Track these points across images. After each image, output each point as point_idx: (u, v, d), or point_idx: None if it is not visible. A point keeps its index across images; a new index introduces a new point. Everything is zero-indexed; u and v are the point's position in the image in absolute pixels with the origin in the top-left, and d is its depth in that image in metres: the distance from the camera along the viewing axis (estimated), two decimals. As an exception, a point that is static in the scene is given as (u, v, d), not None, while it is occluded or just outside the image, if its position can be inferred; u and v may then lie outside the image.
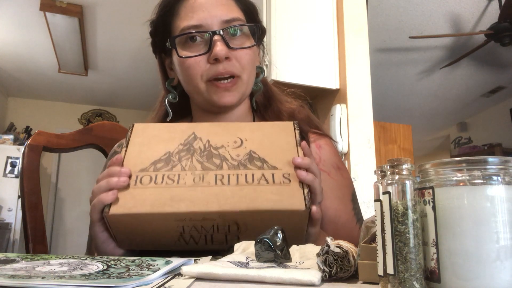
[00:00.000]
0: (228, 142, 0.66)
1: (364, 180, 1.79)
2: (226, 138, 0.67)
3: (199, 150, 0.65)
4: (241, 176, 0.61)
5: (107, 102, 5.77)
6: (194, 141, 0.67)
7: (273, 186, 0.60)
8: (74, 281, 0.41)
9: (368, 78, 1.94)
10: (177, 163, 0.64)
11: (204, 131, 0.68)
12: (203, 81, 0.75)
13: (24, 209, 0.93)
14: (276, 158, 0.64)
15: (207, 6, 0.73)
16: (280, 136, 0.67)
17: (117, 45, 4.06)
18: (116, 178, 0.59)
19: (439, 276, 0.38)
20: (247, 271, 0.45)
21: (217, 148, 0.66)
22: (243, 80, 0.76)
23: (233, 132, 0.68)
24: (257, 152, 0.65)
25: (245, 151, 0.65)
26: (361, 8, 2.03)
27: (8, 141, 4.59)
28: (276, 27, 1.87)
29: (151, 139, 0.68)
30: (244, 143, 0.66)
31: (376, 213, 0.42)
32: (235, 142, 0.66)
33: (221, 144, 0.66)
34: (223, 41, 0.72)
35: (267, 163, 0.63)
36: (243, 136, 0.67)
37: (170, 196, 0.59)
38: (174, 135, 0.68)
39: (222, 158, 0.64)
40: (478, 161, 0.39)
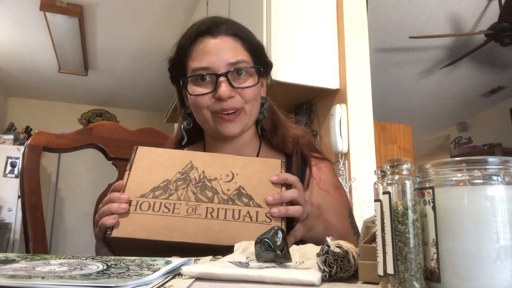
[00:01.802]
0: (221, 175, 0.74)
1: (364, 180, 1.79)
2: (219, 171, 0.75)
3: (194, 181, 0.73)
4: (229, 211, 0.69)
5: (107, 102, 5.77)
6: (191, 170, 0.74)
7: (256, 224, 0.68)
8: (74, 281, 0.41)
9: (368, 78, 1.94)
10: (174, 192, 0.71)
11: (201, 161, 0.76)
12: (209, 112, 0.85)
13: (24, 209, 0.93)
14: (262, 196, 0.72)
15: (215, 50, 0.83)
16: (267, 174, 0.75)
17: (117, 45, 4.05)
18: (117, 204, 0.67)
19: (439, 276, 0.38)
20: (247, 271, 0.45)
21: (210, 180, 0.73)
22: (246, 112, 0.85)
23: (226, 165, 0.76)
24: (246, 188, 0.73)
25: (235, 185, 0.73)
26: (361, 8, 2.02)
27: (8, 141, 4.59)
28: (276, 27, 1.87)
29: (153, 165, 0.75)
30: (235, 177, 0.74)
31: (376, 213, 0.42)
32: (227, 176, 0.74)
33: (215, 176, 0.74)
34: (227, 82, 0.82)
35: (253, 200, 0.71)
36: (235, 171, 0.75)
37: (165, 225, 0.66)
38: (174, 163, 0.75)
39: (214, 191, 0.72)
40: (478, 161, 0.39)
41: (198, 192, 0.71)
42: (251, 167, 0.76)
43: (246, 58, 0.86)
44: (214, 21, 0.87)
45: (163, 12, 3.49)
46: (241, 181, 0.73)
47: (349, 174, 1.79)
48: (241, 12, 2.25)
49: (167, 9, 3.44)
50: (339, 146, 1.81)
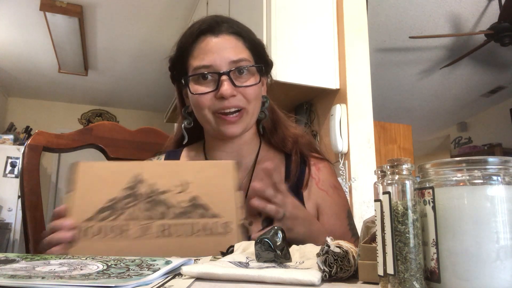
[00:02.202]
0: (172, 186, 0.68)
1: (364, 180, 1.79)
2: (170, 181, 0.68)
3: (144, 196, 0.67)
4: (183, 226, 0.65)
5: (107, 102, 5.77)
6: (139, 184, 0.68)
7: (214, 237, 0.65)
8: (74, 281, 0.41)
9: (368, 78, 1.94)
10: (122, 211, 0.65)
11: (149, 173, 0.69)
12: (210, 112, 0.84)
13: (24, 209, 0.93)
14: (218, 204, 0.68)
15: (216, 48, 0.83)
16: (220, 179, 0.71)
17: (117, 45, 4.05)
18: (62, 233, 0.63)
19: (439, 276, 0.38)
20: (247, 271, 0.45)
21: (161, 193, 0.67)
22: (248, 112, 0.85)
23: (178, 174, 0.70)
24: (200, 197, 0.68)
25: (188, 196, 0.68)
26: (361, 8, 2.02)
27: (8, 141, 4.59)
28: (276, 27, 1.87)
29: (97, 182, 0.68)
30: (188, 187, 0.68)
31: (376, 213, 0.42)
32: (179, 186, 0.68)
33: (166, 187, 0.68)
34: (229, 80, 0.81)
35: (209, 210, 0.67)
36: (187, 179, 0.69)
37: (116, 250, 0.62)
38: (120, 177, 0.68)
39: (166, 205, 0.66)
40: (478, 161, 0.39)
41: (149, 208, 0.66)
42: (203, 173, 0.71)
43: (247, 56, 0.86)
44: (216, 20, 0.87)
45: (163, 12, 3.49)
46: (195, 190, 0.69)
47: (349, 174, 1.79)
48: (241, 12, 2.25)
49: (167, 9, 3.44)
50: (339, 146, 1.81)
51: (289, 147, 0.93)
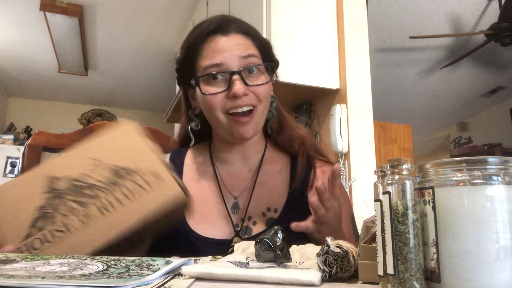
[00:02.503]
0: (85, 168, 0.67)
1: (364, 180, 1.79)
2: (80, 165, 0.67)
3: (66, 190, 0.65)
4: (118, 195, 0.64)
5: (107, 102, 5.77)
6: (54, 183, 0.66)
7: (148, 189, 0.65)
8: (74, 281, 0.41)
9: (368, 78, 1.94)
10: (55, 213, 0.64)
11: (55, 168, 0.68)
12: (223, 113, 0.82)
13: (24, 209, 0.93)
14: (135, 161, 0.67)
15: (226, 47, 0.82)
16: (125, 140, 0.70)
17: (117, 45, 4.05)
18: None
19: (439, 276, 0.38)
20: (247, 271, 0.45)
21: (79, 179, 0.66)
22: (259, 110, 0.84)
23: (82, 155, 0.69)
24: (116, 163, 0.67)
25: (106, 168, 0.67)
26: (361, 8, 2.02)
27: (8, 141, 4.59)
28: (276, 27, 1.87)
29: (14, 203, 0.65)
30: (100, 161, 0.68)
31: (376, 213, 0.42)
32: (92, 164, 0.67)
33: (81, 172, 0.67)
34: (241, 79, 0.80)
35: (130, 169, 0.67)
36: (94, 155, 0.68)
37: (68, 246, 0.61)
38: (31, 187, 0.66)
39: (91, 186, 0.65)
40: (478, 161, 0.39)
41: (78, 197, 0.65)
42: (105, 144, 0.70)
43: (256, 53, 0.86)
44: (224, 19, 0.86)
45: (163, 12, 3.49)
46: (108, 160, 0.68)
47: (349, 174, 1.79)
48: (241, 12, 2.25)
49: (167, 9, 3.44)
50: (339, 146, 1.81)
51: (296, 148, 0.92)
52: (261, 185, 0.88)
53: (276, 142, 0.96)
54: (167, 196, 0.65)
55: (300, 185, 0.88)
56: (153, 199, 0.64)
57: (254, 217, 0.84)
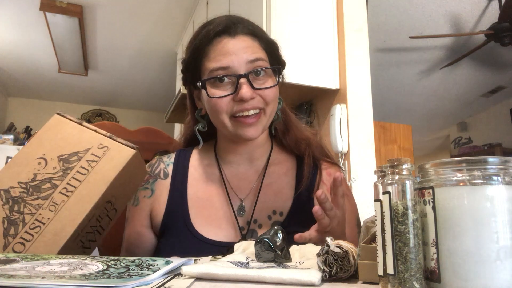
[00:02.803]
0: (34, 169, 0.69)
1: (364, 180, 1.79)
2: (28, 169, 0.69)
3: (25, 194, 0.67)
4: (76, 175, 0.67)
5: (107, 102, 5.77)
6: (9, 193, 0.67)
7: (103, 159, 0.69)
8: (74, 281, 0.41)
9: (368, 78, 1.94)
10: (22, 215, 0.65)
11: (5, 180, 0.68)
12: (228, 116, 0.82)
13: (24, 209, 0.93)
14: (78, 143, 0.71)
15: (234, 50, 0.81)
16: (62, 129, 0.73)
17: (117, 45, 4.05)
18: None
19: (439, 276, 0.38)
20: (247, 271, 0.45)
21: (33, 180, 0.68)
22: (266, 113, 0.83)
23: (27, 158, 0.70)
24: (64, 153, 0.70)
25: (55, 160, 0.69)
26: (361, 8, 2.02)
27: (8, 141, 4.59)
28: (276, 27, 1.87)
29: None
30: (46, 156, 0.70)
31: (376, 213, 0.42)
32: (39, 164, 0.69)
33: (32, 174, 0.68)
34: (248, 83, 0.79)
35: (78, 152, 0.70)
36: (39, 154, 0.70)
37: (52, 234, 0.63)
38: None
39: (48, 180, 0.68)
40: (478, 161, 0.39)
41: (39, 194, 0.66)
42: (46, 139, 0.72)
43: (263, 56, 0.84)
44: (231, 20, 0.85)
45: (163, 12, 3.49)
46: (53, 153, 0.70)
47: (349, 174, 1.79)
48: (241, 12, 2.24)
49: (167, 9, 3.44)
50: (339, 146, 1.81)
51: (302, 150, 0.92)
52: (267, 188, 0.87)
53: (282, 143, 0.95)
54: (119, 156, 0.69)
55: (307, 187, 0.87)
56: (107, 164, 0.68)
57: (260, 220, 0.83)
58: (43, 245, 0.63)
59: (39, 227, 0.64)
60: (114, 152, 0.69)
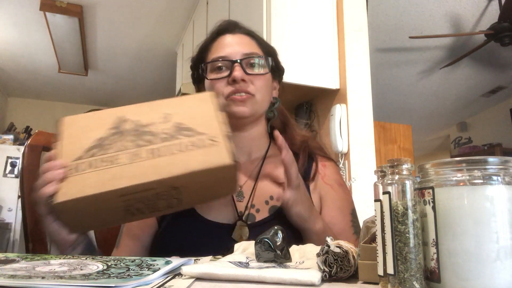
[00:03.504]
0: (155, 119, 0.71)
1: (364, 180, 1.79)
2: (152, 116, 0.71)
3: (130, 131, 0.69)
4: (172, 146, 0.67)
5: (107, 102, 5.77)
6: (123, 123, 0.70)
7: (202, 149, 0.67)
8: (74, 281, 0.41)
9: (368, 78, 1.94)
10: (110, 146, 0.67)
11: (130, 112, 0.72)
12: (223, 98, 0.89)
13: (24, 209, 0.93)
14: (201, 125, 0.70)
15: (232, 43, 0.92)
16: (200, 107, 0.74)
17: (117, 45, 4.06)
18: (52, 171, 0.64)
19: (439, 276, 0.38)
20: (247, 271, 0.45)
21: (145, 125, 0.70)
22: (257, 99, 0.89)
23: (158, 109, 0.73)
24: (184, 123, 0.70)
25: (172, 123, 0.70)
26: (361, 8, 2.02)
27: (8, 141, 4.59)
28: (276, 27, 1.87)
29: (82, 130, 0.70)
30: (170, 117, 0.71)
31: (376, 213, 0.42)
32: (162, 118, 0.71)
33: (150, 121, 0.70)
34: (241, 67, 0.88)
35: (194, 130, 0.69)
36: (168, 111, 0.72)
37: (110, 176, 0.63)
38: (103, 121, 0.71)
39: (152, 134, 0.69)
40: (478, 161, 0.39)
41: (136, 139, 0.68)
42: (182, 104, 0.74)
43: (260, 53, 0.93)
44: (233, 22, 0.97)
45: (163, 12, 3.49)
46: (177, 118, 0.71)
47: (349, 174, 1.79)
48: (241, 12, 2.25)
49: (167, 9, 3.44)
50: (339, 146, 1.81)
51: (297, 146, 0.97)
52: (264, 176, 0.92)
53: None
54: (215, 157, 0.66)
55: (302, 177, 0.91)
56: (201, 157, 0.66)
57: (257, 205, 0.88)
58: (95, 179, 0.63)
59: (110, 163, 0.65)
60: (215, 150, 0.67)
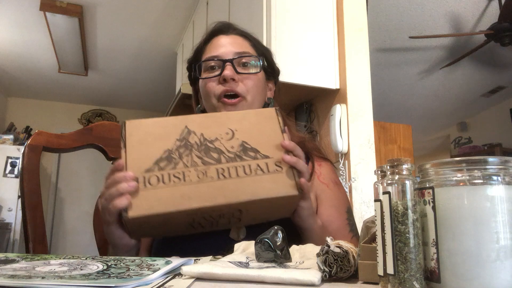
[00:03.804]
0: (220, 134, 0.72)
1: (364, 180, 1.79)
2: (217, 130, 0.72)
3: (196, 145, 0.70)
4: (239, 168, 0.68)
5: (107, 102, 5.77)
6: (189, 135, 0.71)
7: (269, 175, 0.68)
8: (74, 281, 0.41)
9: (368, 78, 1.94)
10: (179, 160, 0.68)
11: (196, 124, 0.73)
12: (215, 99, 0.90)
13: (24, 209, 0.93)
14: (266, 146, 0.71)
15: (225, 44, 0.94)
16: (266, 124, 0.74)
17: (117, 45, 4.05)
18: (125, 183, 0.65)
19: (439, 276, 0.38)
20: (247, 271, 0.45)
21: (212, 141, 0.71)
22: (248, 101, 0.90)
23: (223, 123, 0.73)
24: (249, 142, 0.71)
25: (238, 142, 0.71)
26: (361, 8, 2.02)
27: (8, 141, 4.59)
28: (276, 27, 1.87)
29: (147, 137, 0.70)
30: (235, 134, 0.72)
31: (376, 213, 0.42)
32: (227, 134, 0.72)
33: (215, 136, 0.71)
34: (231, 66, 0.90)
35: (259, 152, 0.70)
36: (233, 127, 0.73)
37: (180, 195, 0.64)
38: (168, 130, 0.71)
39: (219, 151, 0.70)
40: (478, 161, 0.39)
41: (203, 155, 0.69)
42: (247, 120, 0.74)
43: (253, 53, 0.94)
44: (227, 23, 0.99)
45: (163, 12, 3.49)
46: (242, 136, 0.72)
47: (349, 174, 1.79)
48: (241, 12, 2.25)
49: (167, 9, 3.44)
50: (339, 146, 1.81)
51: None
52: None
53: None
54: (280, 185, 0.67)
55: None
56: (268, 184, 0.67)
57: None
58: (166, 196, 0.64)
59: (179, 179, 0.66)
60: (281, 178, 0.68)
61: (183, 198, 0.64)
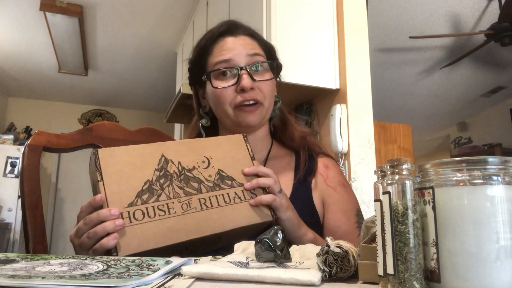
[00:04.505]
0: (197, 163, 0.73)
1: (364, 180, 1.79)
2: (194, 159, 0.73)
3: (176, 175, 0.70)
4: (219, 197, 0.71)
5: (107, 102, 5.77)
6: (167, 164, 0.71)
7: (246, 203, 0.72)
8: (74, 281, 0.41)
9: (368, 78, 1.93)
10: (161, 191, 0.68)
11: (172, 152, 0.72)
12: (231, 107, 0.90)
13: (24, 209, 0.93)
14: (240, 174, 0.75)
15: (234, 45, 0.91)
16: (238, 151, 0.78)
17: (117, 45, 4.05)
18: (111, 223, 0.62)
19: (439, 276, 0.38)
20: (247, 271, 0.45)
21: (190, 170, 0.72)
22: (265, 106, 0.91)
23: (198, 151, 0.75)
24: (224, 171, 0.74)
25: (214, 170, 0.74)
26: (361, 8, 2.02)
27: (8, 141, 4.59)
28: (276, 27, 1.87)
29: (124, 168, 0.68)
30: (211, 162, 0.74)
31: (376, 213, 0.42)
32: (203, 162, 0.74)
33: (192, 165, 0.73)
34: (248, 75, 0.88)
35: (235, 180, 0.74)
36: (207, 155, 0.75)
37: (167, 228, 0.65)
38: (145, 160, 0.70)
39: (198, 181, 0.71)
40: (478, 161, 0.39)
41: (184, 185, 0.69)
42: (220, 148, 0.76)
43: (262, 53, 0.94)
44: (233, 23, 0.96)
45: (163, 12, 3.49)
46: (217, 164, 0.74)
47: (349, 174, 1.79)
48: (241, 12, 2.25)
49: (167, 9, 3.44)
50: (339, 146, 1.81)
51: (297, 143, 0.99)
52: None
53: (281, 141, 1.02)
54: (259, 215, 0.72)
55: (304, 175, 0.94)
56: (246, 212, 0.71)
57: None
58: (154, 231, 0.64)
59: (164, 213, 0.66)
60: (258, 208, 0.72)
61: (171, 231, 0.64)
